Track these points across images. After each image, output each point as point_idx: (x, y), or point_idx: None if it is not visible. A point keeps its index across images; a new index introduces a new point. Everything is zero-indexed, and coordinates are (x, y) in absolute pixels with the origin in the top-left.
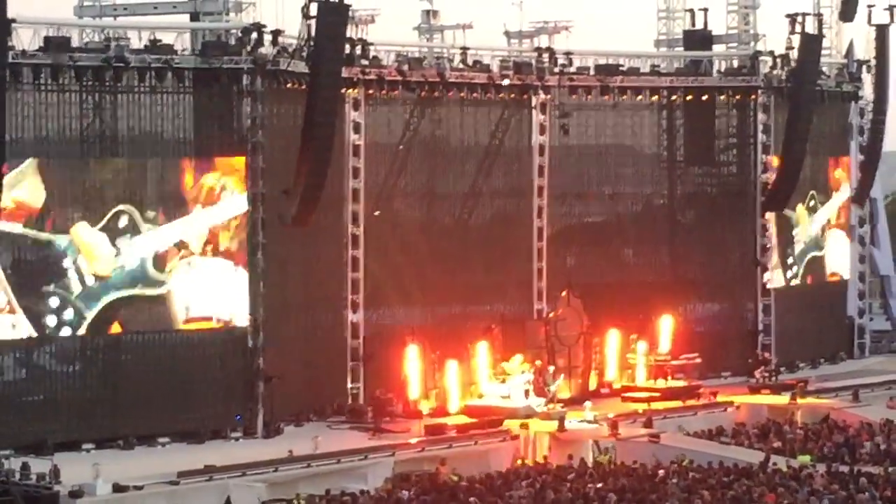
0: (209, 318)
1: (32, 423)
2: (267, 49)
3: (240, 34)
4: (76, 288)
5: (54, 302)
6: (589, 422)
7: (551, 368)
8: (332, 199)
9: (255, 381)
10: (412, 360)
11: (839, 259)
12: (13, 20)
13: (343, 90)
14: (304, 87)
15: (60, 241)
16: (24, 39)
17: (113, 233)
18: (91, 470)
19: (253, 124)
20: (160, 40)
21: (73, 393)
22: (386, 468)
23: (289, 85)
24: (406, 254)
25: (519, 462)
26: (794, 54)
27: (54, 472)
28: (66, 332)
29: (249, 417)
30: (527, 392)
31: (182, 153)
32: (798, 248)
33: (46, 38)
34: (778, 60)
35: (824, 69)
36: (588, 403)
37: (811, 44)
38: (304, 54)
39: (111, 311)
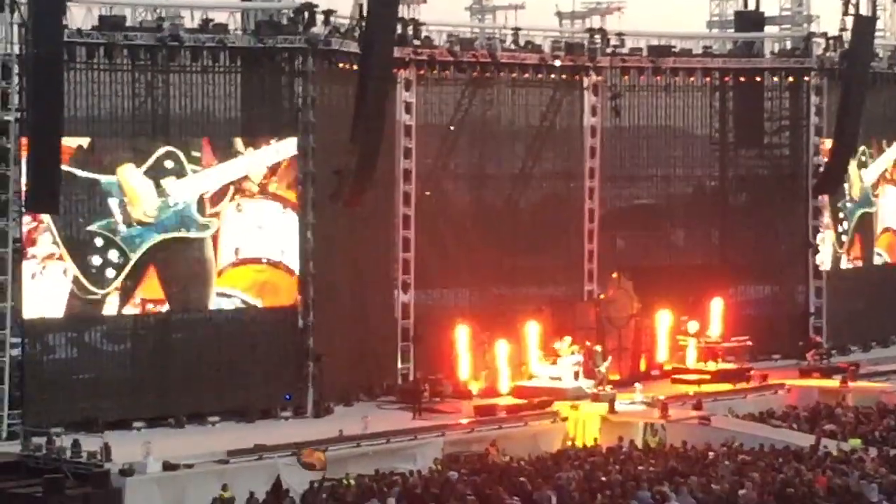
0: (259, 260)
1: (83, 401)
2: (319, 29)
3: (292, 14)
4: (122, 229)
5: (99, 242)
6: (639, 404)
7: (598, 348)
8: (382, 180)
9: (305, 360)
10: (462, 340)
11: (891, 214)
12: None
13: (394, 70)
14: (355, 67)
15: (106, 180)
16: (78, 18)
17: (158, 174)
18: (141, 448)
19: (304, 104)
20: (213, 20)
21: (123, 371)
22: (435, 448)
23: (340, 65)
24: (456, 235)
25: (568, 444)
26: (847, 36)
27: (105, 451)
28: (110, 273)
29: (299, 397)
30: (577, 374)
31: (233, 133)
32: (849, 206)
33: (101, 17)
34: (831, 42)
35: (878, 51)
36: (638, 385)
37: (864, 25)
38: (356, 34)
39: (155, 252)
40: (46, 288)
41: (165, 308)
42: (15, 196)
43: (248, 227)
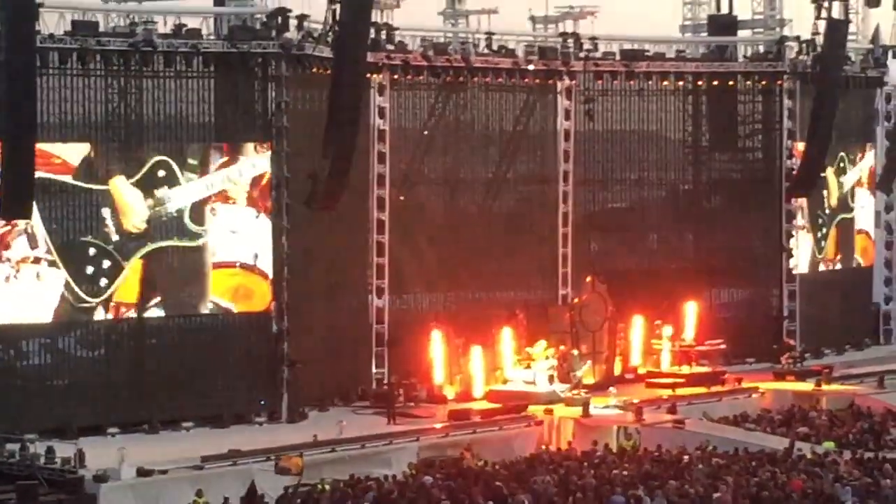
0: (232, 264)
1: (57, 408)
2: (292, 34)
3: (265, 19)
4: (113, 238)
5: (92, 251)
6: (613, 408)
7: (575, 352)
8: (356, 185)
9: (280, 365)
10: (436, 345)
11: (865, 217)
12: (41, 4)
13: (368, 75)
14: (329, 71)
15: (98, 191)
16: (51, 24)
17: (150, 184)
18: (115, 454)
19: (278, 109)
20: (186, 25)
21: (97, 377)
22: (410, 453)
23: (314, 70)
24: (430, 239)
25: (543, 448)
26: (819, 40)
27: (79, 457)
28: (103, 282)
29: (273, 402)
30: (551, 378)
31: (207, 138)
32: (827, 213)
33: (73, 23)
34: (804, 46)
35: (850, 55)
36: (612, 389)
37: (837, 29)
38: (330, 39)
39: (146, 261)
40: (19, 292)
41: (137, 313)
42: None
43: (222, 232)
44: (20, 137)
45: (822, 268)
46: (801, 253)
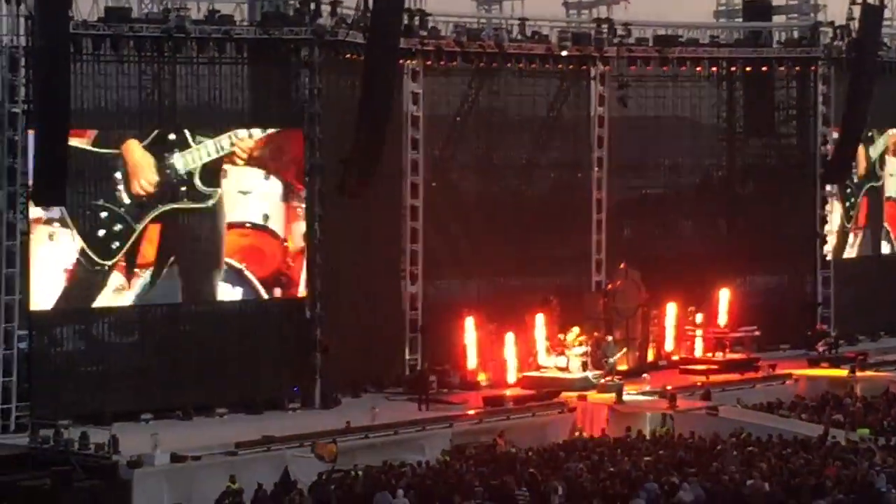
0: (243, 224)
1: (91, 394)
2: (325, 20)
3: (298, 5)
4: (125, 201)
5: (104, 215)
6: (647, 394)
7: (609, 339)
8: (390, 171)
9: (313, 351)
10: (470, 331)
11: (893, 184)
12: None
13: (401, 61)
14: (362, 58)
15: (111, 155)
16: (84, 10)
17: (161, 148)
18: (149, 440)
19: (311, 95)
20: (219, 11)
21: (131, 363)
22: (443, 439)
23: (347, 56)
24: (463, 226)
25: (576, 434)
26: (854, 25)
27: (113, 443)
28: (115, 244)
29: (307, 388)
30: (584, 364)
31: (239, 124)
32: (856, 181)
33: (107, 9)
34: (838, 31)
35: (885, 40)
36: (646, 376)
37: (872, 14)
38: (362, 25)
39: (158, 223)
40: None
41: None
42: (22, 188)
43: (233, 193)
44: (53, 124)
45: (850, 238)
46: (833, 225)
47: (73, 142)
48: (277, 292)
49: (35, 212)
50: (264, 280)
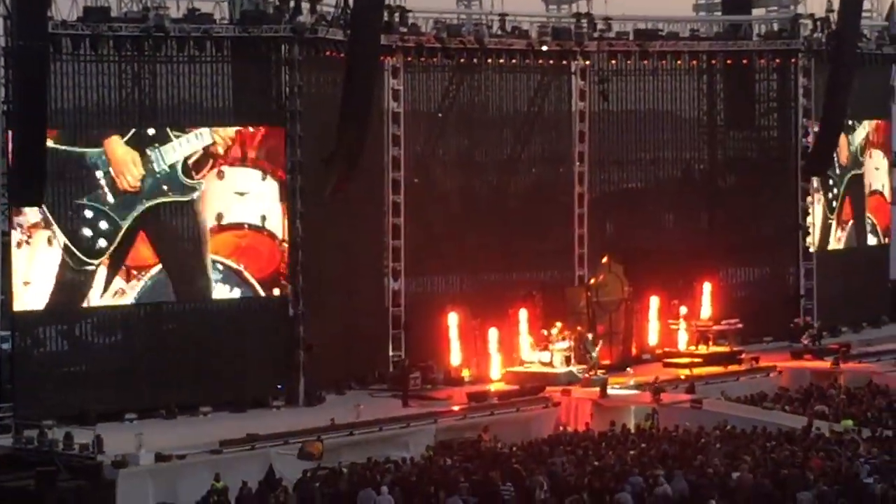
0: (241, 226)
1: (74, 394)
2: (305, 17)
3: (277, 3)
4: (110, 199)
5: (89, 214)
6: (631, 388)
7: (590, 336)
8: (371, 168)
9: (297, 349)
10: (453, 327)
11: (879, 177)
12: None
13: (381, 58)
14: (342, 55)
15: (92, 153)
16: (63, 10)
17: (143, 143)
18: (134, 440)
19: (291, 93)
20: (198, 10)
21: (114, 363)
22: (428, 436)
23: (327, 53)
24: (445, 222)
25: (561, 429)
26: (834, 17)
27: (97, 443)
28: (101, 243)
29: (291, 386)
30: (568, 359)
31: (220, 123)
32: (838, 171)
33: (85, 9)
34: (818, 23)
35: (865, 32)
36: (629, 370)
37: (852, 6)
38: (343, 22)
39: (144, 219)
40: (31, 258)
41: (156, 270)
42: (3, 189)
43: (229, 194)
44: (31, 124)
45: (836, 231)
46: (815, 217)
47: (53, 142)
48: (277, 293)
49: (17, 212)
50: (263, 281)
